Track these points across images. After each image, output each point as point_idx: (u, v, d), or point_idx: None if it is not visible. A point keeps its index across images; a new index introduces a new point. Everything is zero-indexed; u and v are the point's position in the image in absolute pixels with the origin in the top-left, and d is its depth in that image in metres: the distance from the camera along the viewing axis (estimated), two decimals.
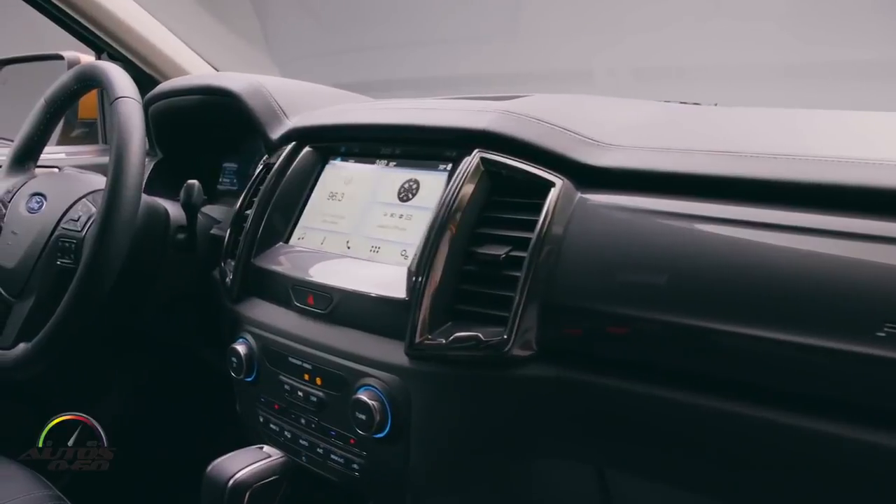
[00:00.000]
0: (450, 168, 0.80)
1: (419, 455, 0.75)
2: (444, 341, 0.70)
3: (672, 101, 1.00)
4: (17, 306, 1.01)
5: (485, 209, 0.74)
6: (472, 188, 0.73)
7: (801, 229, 0.58)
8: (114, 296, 0.92)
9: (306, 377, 0.82)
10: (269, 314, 0.89)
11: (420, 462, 0.75)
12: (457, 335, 0.69)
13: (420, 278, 0.72)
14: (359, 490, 0.82)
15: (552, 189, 0.70)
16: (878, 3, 1.37)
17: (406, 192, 0.83)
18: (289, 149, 0.96)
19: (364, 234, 0.85)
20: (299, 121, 1.00)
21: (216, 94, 1.13)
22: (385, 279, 0.78)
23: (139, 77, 1.27)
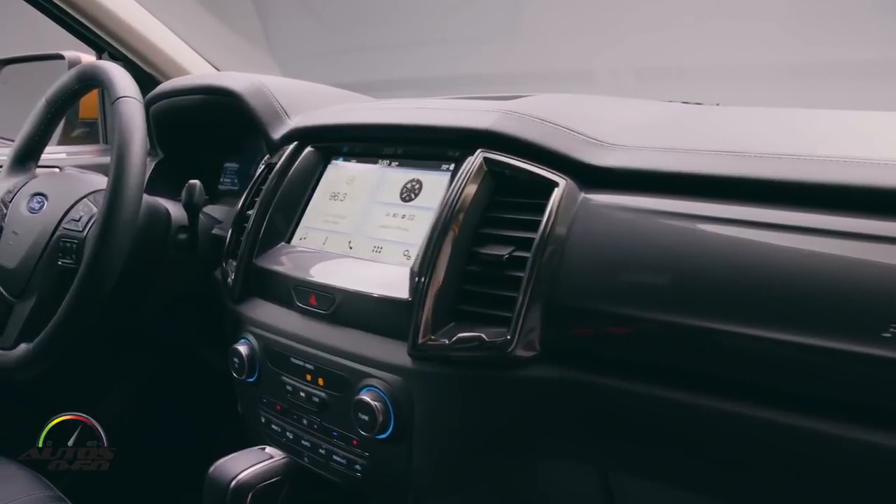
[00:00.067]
0: (452, 168, 0.80)
1: (422, 456, 0.75)
2: (447, 342, 0.70)
3: (674, 101, 1.00)
4: (18, 306, 1.01)
5: (488, 209, 0.74)
6: (475, 188, 0.73)
7: (805, 230, 0.58)
8: (115, 296, 0.92)
9: (308, 378, 0.82)
10: (270, 314, 0.88)
11: (423, 463, 0.75)
12: (460, 336, 0.69)
13: (423, 279, 0.71)
14: (361, 491, 0.82)
15: (555, 189, 0.70)
16: (878, 3, 1.37)
17: (408, 193, 0.83)
18: (290, 149, 0.96)
19: (366, 235, 0.85)
20: (301, 120, 1.00)
21: (218, 93, 1.13)
22: (388, 279, 0.78)
23: (140, 77, 1.27)
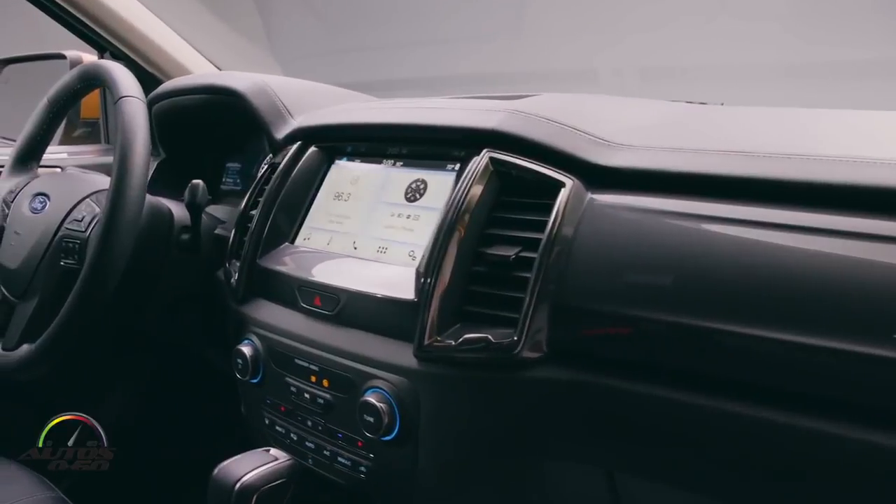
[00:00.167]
0: (458, 168, 0.79)
1: (428, 458, 0.74)
2: (453, 343, 0.69)
3: (678, 101, 0.99)
4: (20, 307, 1.01)
5: (494, 209, 0.73)
6: (481, 188, 0.73)
7: (816, 230, 0.57)
8: (117, 296, 0.91)
9: (313, 379, 0.81)
10: (274, 315, 0.88)
11: (428, 465, 0.74)
12: (466, 337, 0.69)
13: (429, 279, 0.71)
14: (366, 493, 0.81)
15: (562, 189, 0.69)
16: (877, 3, 1.36)
17: (413, 193, 0.83)
18: (294, 148, 0.95)
19: (371, 235, 0.84)
20: (304, 120, 1.00)
21: (220, 93, 1.13)
22: (393, 280, 0.77)
23: (141, 76, 1.26)
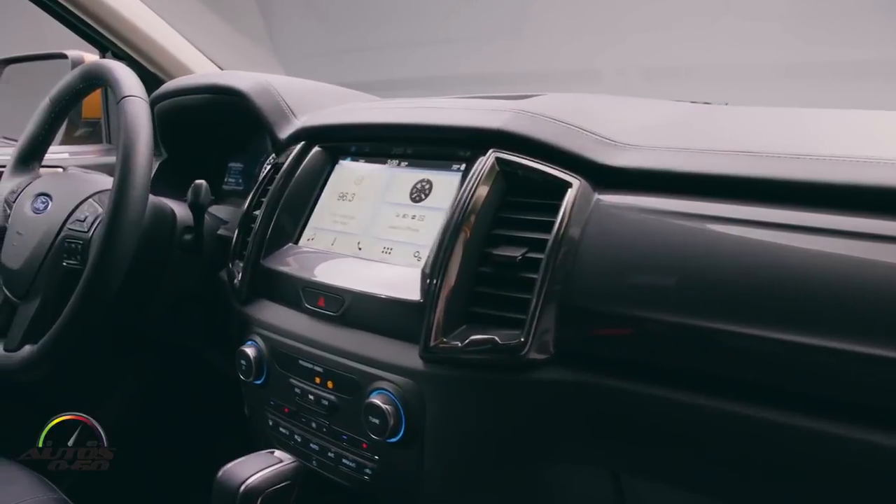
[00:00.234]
0: (463, 168, 0.79)
1: (433, 460, 0.74)
2: (459, 344, 0.69)
3: (682, 101, 0.99)
4: (22, 307, 1.00)
5: (500, 210, 0.73)
6: (487, 189, 0.72)
7: (827, 231, 0.57)
8: (119, 296, 0.91)
9: (317, 380, 0.81)
10: (278, 316, 0.87)
11: (434, 467, 0.74)
12: (472, 338, 0.68)
13: (435, 280, 0.70)
14: (370, 495, 0.81)
15: (569, 190, 0.69)
16: (877, 3, 1.36)
17: (418, 193, 0.82)
18: (298, 148, 0.95)
19: (375, 235, 0.84)
20: (308, 120, 0.99)
21: (223, 93, 1.12)
22: (398, 281, 0.77)
23: (143, 76, 1.25)
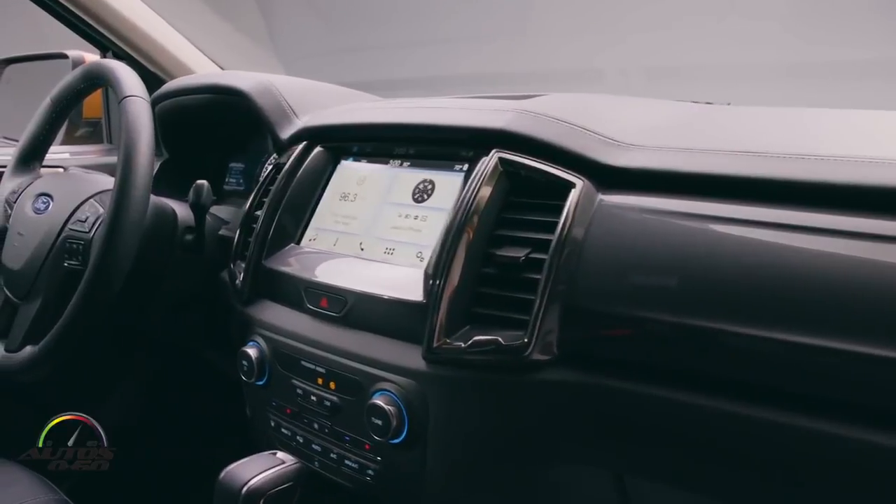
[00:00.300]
0: (466, 168, 0.79)
1: (436, 461, 0.73)
2: (462, 345, 0.68)
3: (684, 101, 0.99)
4: (23, 308, 1.00)
5: (503, 210, 0.72)
6: (490, 189, 0.72)
7: (829, 231, 0.57)
8: (121, 297, 0.91)
9: (320, 381, 0.81)
10: (280, 317, 0.87)
11: (437, 468, 0.74)
12: (476, 339, 0.68)
13: (438, 281, 0.70)
14: (373, 496, 0.81)
15: (573, 190, 0.69)
16: (877, 3, 1.36)
17: (421, 193, 0.82)
18: (300, 148, 0.95)
19: (378, 236, 0.84)
20: (310, 120, 0.99)
21: (224, 92, 1.12)
22: (400, 282, 0.76)
23: (144, 76, 1.25)
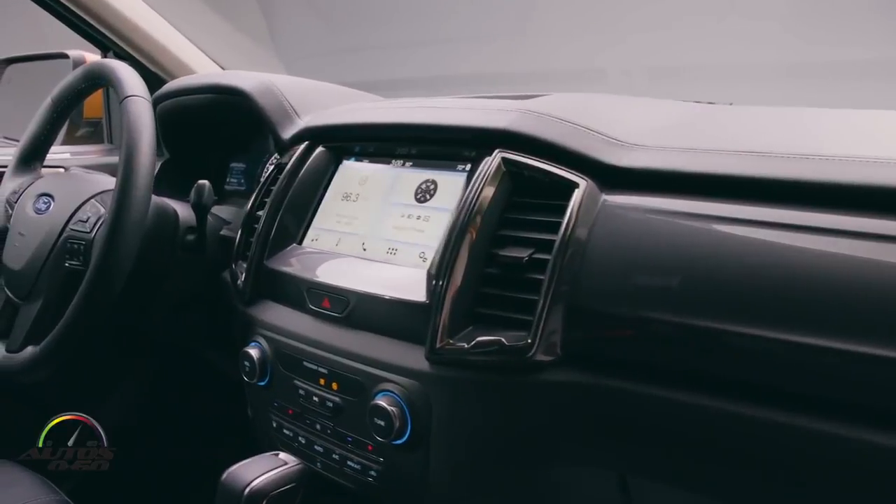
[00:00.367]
0: (468, 168, 0.78)
1: (439, 462, 0.73)
2: (466, 346, 0.68)
3: (686, 101, 0.98)
4: (24, 308, 1.00)
5: (506, 210, 0.72)
6: (493, 189, 0.72)
7: (834, 231, 0.56)
8: (122, 297, 0.90)
9: (322, 382, 0.80)
10: (282, 317, 0.87)
11: (440, 469, 0.74)
12: (479, 339, 0.68)
13: (441, 281, 0.70)
14: (376, 497, 0.80)
15: (576, 190, 0.68)
16: (877, 3, 1.36)
17: (423, 193, 0.82)
18: (301, 149, 0.94)
19: (380, 236, 0.84)
20: (312, 120, 0.99)
21: (226, 92, 1.12)
22: (403, 282, 0.76)
23: (145, 76, 1.24)
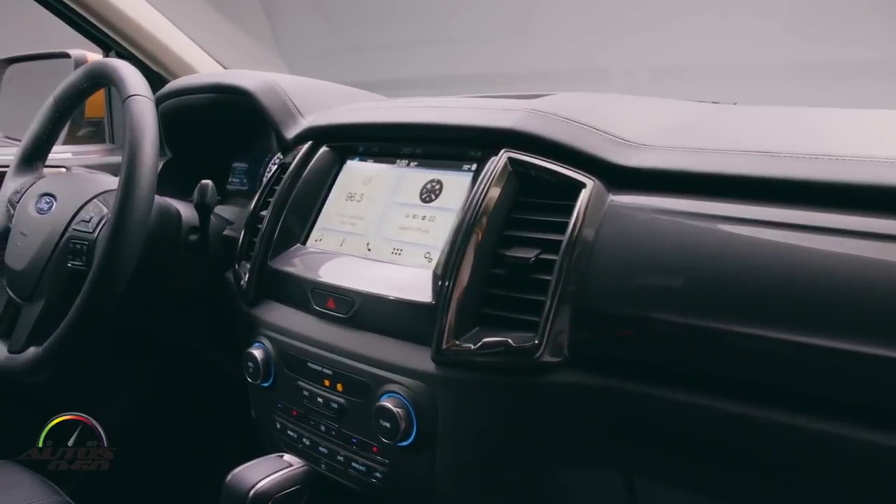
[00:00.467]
0: (474, 168, 0.78)
1: (445, 464, 0.73)
2: (472, 347, 0.68)
3: (690, 101, 0.98)
4: (26, 309, 0.99)
5: (512, 211, 0.72)
6: (499, 189, 0.71)
7: (842, 231, 0.56)
8: (125, 298, 0.90)
9: (326, 383, 0.80)
10: (286, 318, 0.86)
11: (445, 471, 0.73)
12: (485, 340, 0.67)
13: (447, 282, 0.70)
14: (381, 499, 0.80)
15: (583, 190, 0.68)
16: (877, 3, 1.36)
17: (428, 193, 0.81)
18: (305, 148, 0.94)
19: (385, 236, 0.83)
20: (315, 120, 0.98)
21: (229, 92, 1.12)
22: (409, 282, 0.76)
23: (147, 75, 1.24)
